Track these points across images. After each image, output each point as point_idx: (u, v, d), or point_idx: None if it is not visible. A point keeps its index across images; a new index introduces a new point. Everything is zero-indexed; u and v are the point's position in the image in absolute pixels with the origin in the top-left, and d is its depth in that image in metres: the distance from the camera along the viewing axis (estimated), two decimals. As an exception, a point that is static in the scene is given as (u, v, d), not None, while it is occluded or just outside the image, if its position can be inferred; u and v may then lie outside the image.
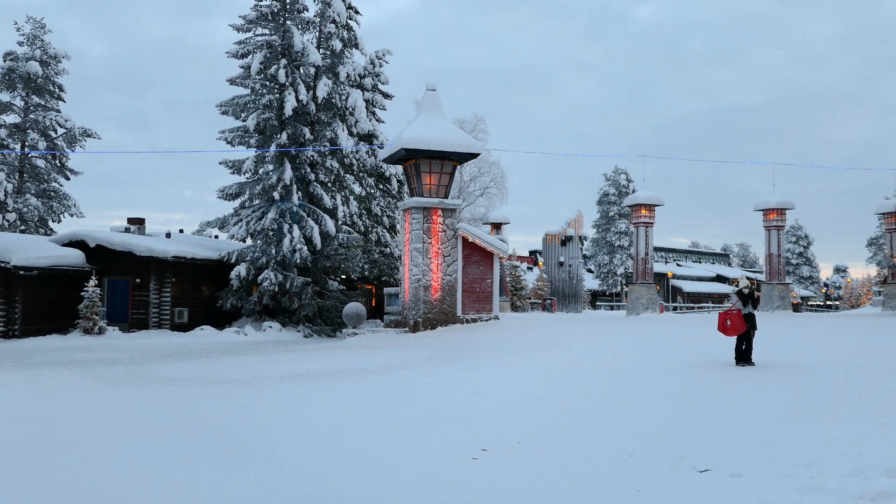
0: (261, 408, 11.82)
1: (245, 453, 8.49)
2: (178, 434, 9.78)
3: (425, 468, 7.77)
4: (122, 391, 14.10)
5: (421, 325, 26.33)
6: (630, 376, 14.32)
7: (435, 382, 14.38)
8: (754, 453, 7.69)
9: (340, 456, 8.24)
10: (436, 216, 26.89)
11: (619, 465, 7.52)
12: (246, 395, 13.34)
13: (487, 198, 53.48)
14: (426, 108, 27.59)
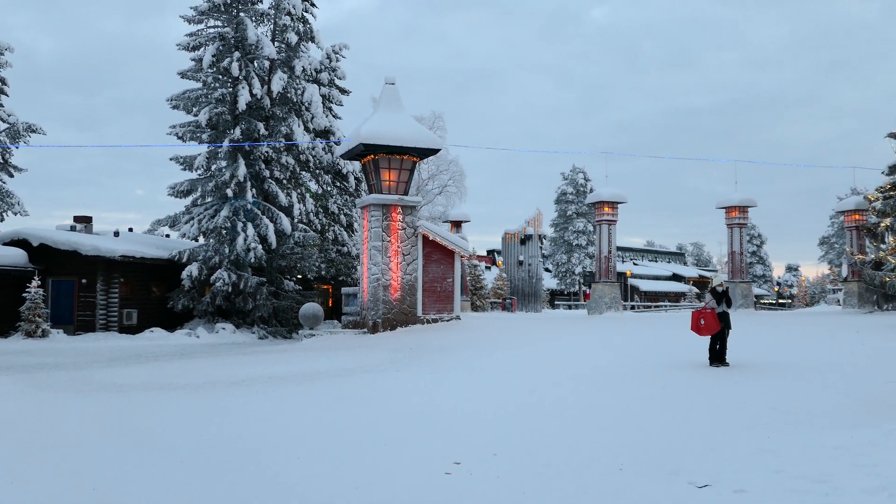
0: (213, 417, 10.95)
1: (192, 470, 7.64)
2: (122, 447, 8.89)
3: (393, 485, 7.02)
4: (63, 398, 13.09)
5: (380, 326, 25.53)
6: (605, 379, 13.70)
7: (398, 387, 13.62)
8: (754, 465, 7.05)
9: (298, 471, 7.45)
10: (395, 214, 26.11)
11: (609, 481, 6.83)
12: (197, 402, 12.45)
13: (446, 196, 52.79)
14: (385, 102, 26.79)
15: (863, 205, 37.01)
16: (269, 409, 11.50)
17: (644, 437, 8.50)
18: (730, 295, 15.78)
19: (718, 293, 15.38)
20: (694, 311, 15.42)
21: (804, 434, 8.33)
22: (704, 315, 15.02)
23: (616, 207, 34.50)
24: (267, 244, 31.13)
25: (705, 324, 14.98)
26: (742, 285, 37.21)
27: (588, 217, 79.14)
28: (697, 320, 15.10)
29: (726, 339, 15.15)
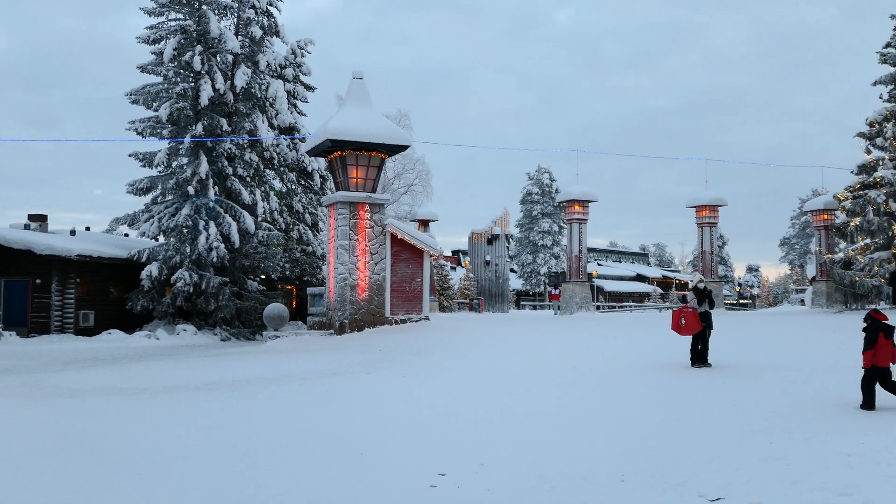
0: (173, 425, 10.24)
1: (151, 484, 6.97)
2: (74, 458, 8.17)
3: (374, 500, 6.41)
4: (12, 404, 12.26)
5: (347, 327, 24.84)
6: (589, 381, 13.18)
7: (372, 391, 12.98)
8: (766, 475, 6.53)
9: (269, 486, 6.80)
10: (363, 211, 25.43)
11: (612, 494, 6.27)
12: (157, 408, 11.71)
13: (412, 195, 52.16)
14: (352, 97, 26.10)
15: (831, 204, 36.99)
16: (236, 416, 10.81)
17: (642, 444, 7.97)
18: (713, 295, 15.31)
19: (701, 292, 14.95)
20: (674, 311, 14.98)
21: (809, 439, 7.85)
22: (685, 314, 14.57)
23: (587, 206, 34.09)
24: (230, 243, 30.27)
25: (686, 323, 14.52)
26: (712, 285, 36.95)
27: (553, 217, 78.96)
28: (678, 319, 14.63)
29: (708, 340, 14.73)
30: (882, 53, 31.86)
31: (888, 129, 30.27)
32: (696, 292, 14.96)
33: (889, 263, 29.26)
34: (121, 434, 9.60)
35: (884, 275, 29.07)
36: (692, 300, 14.95)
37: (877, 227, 29.71)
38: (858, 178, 32.20)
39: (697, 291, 14.96)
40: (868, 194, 30.09)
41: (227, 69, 32.06)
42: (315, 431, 9.45)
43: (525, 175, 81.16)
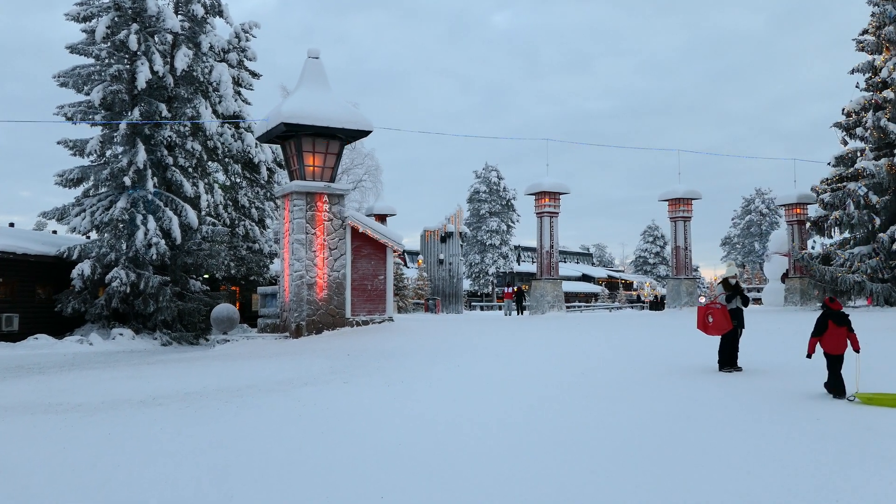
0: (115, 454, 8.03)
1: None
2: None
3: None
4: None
5: (304, 329, 22.62)
6: (601, 390, 11.29)
7: (357, 405, 10.87)
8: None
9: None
10: (321, 202, 23.25)
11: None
12: (94, 431, 9.45)
13: (361, 192, 49.90)
14: (308, 77, 23.87)
15: (805, 198, 35.96)
16: (196, 442, 8.63)
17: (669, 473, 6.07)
18: (743, 289, 13.49)
19: (731, 286, 13.18)
20: (700, 307, 13.20)
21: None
22: (713, 311, 12.76)
23: (558, 199, 32.29)
24: (171, 239, 27.73)
25: (714, 322, 12.71)
26: (687, 282, 35.61)
27: (502, 216, 77.43)
28: (704, 317, 12.83)
29: (738, 341, 12.97)
30: (859, 41, 30.85)
31: (868, 118, 29.17)
32: (725, 286, 13.16)
33: (870, 259, 28.12)
34: (48, 466, 7.36)
35: (866, 270, 27.92)
36: (720, 295, 13.16)
37: (857, 220, 28.62)
38: (836, 169, 31.16)
39: (727, 285, 13.17)
40: (847, 186, 28.96)
41: (167, 50, 29.49)
42: (298, 463, 7.37)
43: (472, 173, 79.55)
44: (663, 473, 6.62)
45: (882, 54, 29.79)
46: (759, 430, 8.33)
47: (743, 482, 6.20)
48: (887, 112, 29.04)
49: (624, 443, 7.96)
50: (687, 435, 8.26)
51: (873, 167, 28.25)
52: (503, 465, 7.08)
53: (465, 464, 7.22)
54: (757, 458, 7.05)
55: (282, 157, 34.05)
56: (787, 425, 8.57)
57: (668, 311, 34.90)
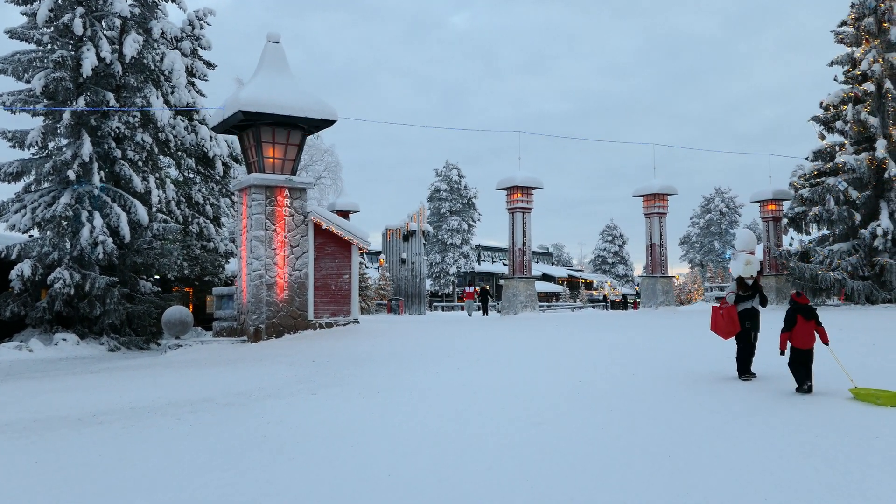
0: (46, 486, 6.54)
1: None
2: None
3: None
4: None
5: (264, 333, 21.07)
6: (599, 401, 9.99)
7: (326, 421, 9.47)
8: None
9: None
10: (281, 197, 21.72)
11: None
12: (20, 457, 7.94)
13: (320, 189, 48.24)
14: (268, 63, 22.30)
15: (781, 194, 35.15)
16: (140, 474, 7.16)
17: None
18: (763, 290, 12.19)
19: (746, 284, 11.87)
20: (714, 307, 11.97)
21: None
22: (723, 311, 11.58)
23: (531, 193, 30.99)
24: (119, 237, 25.93)
25: (721, 322, 11.54)
26: (662, 280, 34.54)
27: (463, 215, 76.28)
28: (718, 317, 11.67)
29: (753, 345, 11.72)
30: (837, 32, 30.07)
31: (848, 111, 28.40)
32: (739, 284, 11.87)
33: (850, 256, 27.33)
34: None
35: (846, 267, 27.11)
36: (729, 294, 11.88)
37: (837, 216, 27.81)
38: (814, 164, 30.37)
39: (741, 283, 11.88)
40: (826, 182, 28.15)
41: (115, 36, 27.64)
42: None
43: (433, 171, 78.29)
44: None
45: (861, 46, 29.08)
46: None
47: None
48: (867, 105, 28.32)
49: (652, 462, 6.69)
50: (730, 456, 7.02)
51: (854, 161, 27.47)
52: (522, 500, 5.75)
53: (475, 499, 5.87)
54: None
55: (239, 151, 32.49)
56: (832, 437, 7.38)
57: (642, 311, 33.88)
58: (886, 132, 28.04)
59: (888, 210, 27.02)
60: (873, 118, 27.84)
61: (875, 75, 27.92)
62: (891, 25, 28.29)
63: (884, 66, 27.96)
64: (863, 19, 28.86)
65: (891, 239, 26.71)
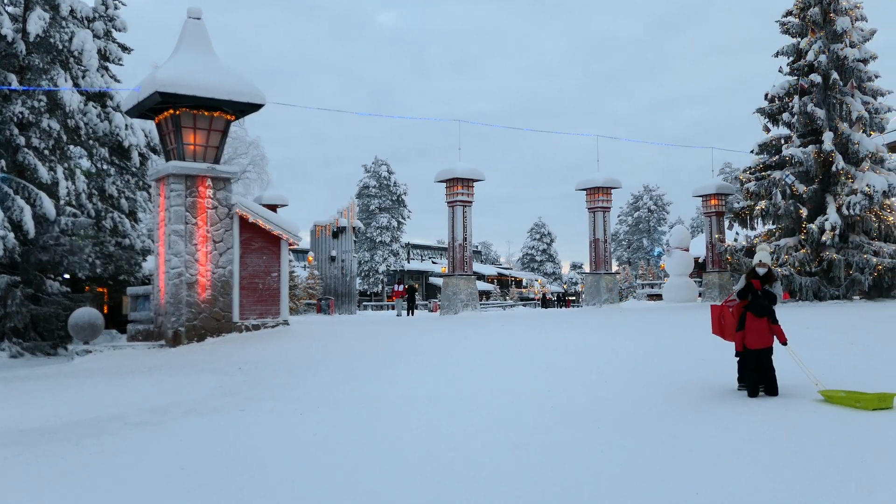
0: None
1: None
2: None
3: None
4: None
5: (184, 337, 19.18)
6: (581, 417, 8.60)
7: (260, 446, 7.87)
8: None
9: None
10: (203, 187, 19.85)
11: None
12: None
13: (245, 184, 46.04)
14: (189, 41, 20.39)
15: (724, 188, 34.52)
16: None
17: None
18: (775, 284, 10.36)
19: (760, 278, 9.98)
20: (714, 306, 10.53)
21: None
22: (727, 313, 10.12)
23: (472, 186, 29.51)
24: (22, 232, 23.59)
25: (727, 324, 10.05)
26: (606, 277, 33.47)
27: (392, 212, 74.71)
28: (719, 319, 10.22)
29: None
30: (782, 23, 29.48)
31: (794, 103, 27.77)
32: (749, 279, 9.96)
33: (797, 251, 26.70)
34: None
35: (793, 263, 26.47)
36: (735, 291, 10.18)
37: (783, 211, 27.16)
38: (759, 157, 29.72)
39: (752, 278, 9.97)
40: (772, 175, 27.48)
41: (18, 13, 25.31)
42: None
43: (361, 167, 76.50)
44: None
45: (807, 37, 28.53)
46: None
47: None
48: (813, 97, 27.77)
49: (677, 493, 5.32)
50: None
51: (801, 154, 26.86)
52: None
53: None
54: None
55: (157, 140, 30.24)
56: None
57: (586, 309, 32.85)
58: (833, 125, 27.53)
59: (835, 204, 26.48)
60: (820, 110, 27.29)
61: (821, 66, 27.40)
62: (836, 16, 27.85)
63: (830, 58, 27.47)
64: (808, 9, 28.36)
65: (838, 234, 26.18)
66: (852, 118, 27.32)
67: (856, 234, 26.87)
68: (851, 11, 28.37)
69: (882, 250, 26.35)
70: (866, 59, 28.43)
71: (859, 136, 27.15)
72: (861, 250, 26.45)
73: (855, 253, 26.23)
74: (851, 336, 15.57)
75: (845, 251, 26.44)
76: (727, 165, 79.92)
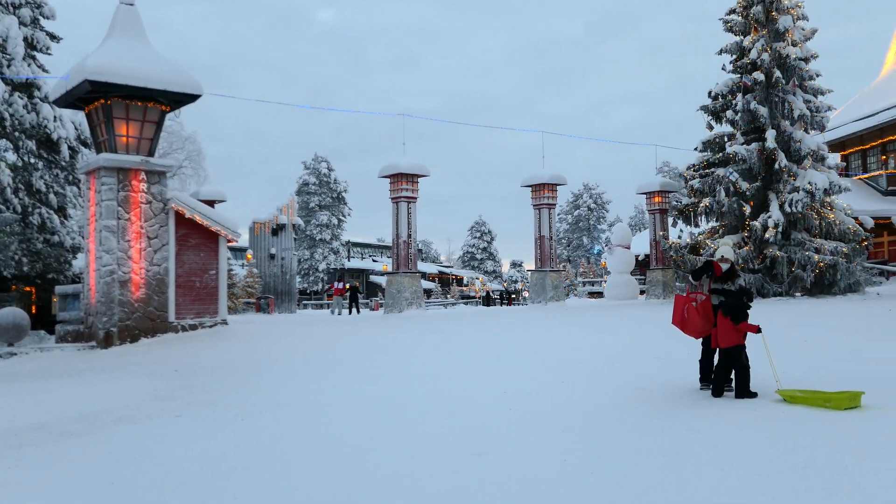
0: None
1: None
2: None
3: None
4: None
5: (116, 337, 18.25)
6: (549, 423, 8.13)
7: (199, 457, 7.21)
8: None
9: None
10: (137, 181, 18.91)
11: None
12: None
13: (181, 180, 44.69)
14: (121, 28, 19.42)
15: (668, 185, 34.58)
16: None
17: None
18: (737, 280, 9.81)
19: (723, 272, 9.64)
20: (678, 296, 10.03)
21: None
22: (691, 307, 9.51)
23: (416, 182, 28.90)
24: (-58, 228, 22.37)
25: (689, 318, 9.52)
26: (552, 275, 33.15)
27: (333, 209, 73.79)
28: (681, 310, 9.73)
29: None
30: (725, 20, 29.55)
31: (738, 101, 27.82)
32: (716, 272, 9.59)
33: (741, 248, 26.76)
34: None
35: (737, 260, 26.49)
36: (702, 284, 9.73)
37: (727, 208, 27.20)
38: (703, 154, 29.76)
39: (717, 270, 9.61)
40: (716, 172, 27.50)
41: (-63, -3, 24.00)
42: None
43: (301, 164, 75.35)
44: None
45: (750, 35, 28.63)
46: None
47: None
48: (756, 95, 27.86)
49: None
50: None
51: (745, 152, 26.91)
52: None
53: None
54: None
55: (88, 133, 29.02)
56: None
57: (532, 307, 32.51)
58: (776, 122, 27.66)
59: (778, 201, 26.60)
60: (763, 108, 27.39)
61: (764, 65, 27.49)
62: (779, 15, 27.98)
63: (772, 56, 27.59)
64: (752, 7, 28.46)
65: (781, 231, 26.29)
66: (794, 116, 27.49)
67: (798, 232, 27.04)
68: (793, 10, 28.55)
69: (823, 247, 26.56)
70: (808, 58, 28.64)
71: (801, 135, 27.32)
72: (803, 247, 26.62)
73: (797, 250, 26.38)
74: (803, 333, 15.45)
75: (788, 248, 26.58)
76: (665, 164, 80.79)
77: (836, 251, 26.53)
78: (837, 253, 26.51)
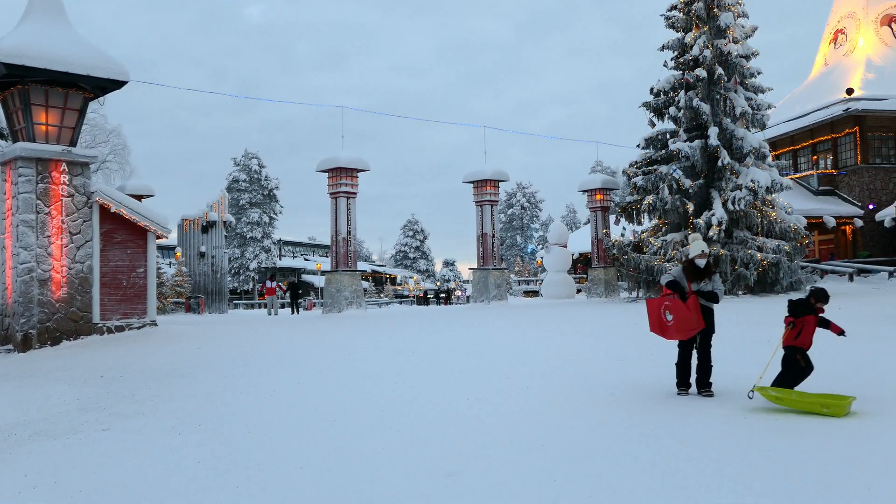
0: None
1: None
2: None
3: None
4: None
5: (35, 340, 16.96)
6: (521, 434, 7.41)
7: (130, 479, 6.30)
8: None
9: None
10: (58, 173, 17.62)
11: None
12: None
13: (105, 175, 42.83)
14: (41, 8, 18.05)
15: (609, 183, 34.34)
16: None
17: None
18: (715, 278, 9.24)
19: (697, 269, 9.16)
20: (650, 300, 9.41)
21: None
22: (672, 306, 8.89)
23: (356, 176, 27.90)
24: None
25: (674, 320, 8.89)
26: (495, 273, 32.50)
27: (264, 207, 72.07)
28: (659, 313, 9.09)
29: (710, 349, 9.14)
30: (667, 17, 29.37)
31: (680, 98, 27.62)
32: (689, 269, 9.12)
33: (684, 246, 26.56)
34: None
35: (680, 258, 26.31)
36: (679, 278, 9.11)
37: (670, 205, 26.97)
38: (645, 152, 29.52)
39: (691, 268, 9.14)
40: (659, 170, 27.26)
41: None
42: None
43: (231, 160, 73.38)
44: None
45: (692, 31, 28.49)
46: None
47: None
48: (699, 91, 27.73)
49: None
50: None
51: (688, 149, 26.72)
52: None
53: None
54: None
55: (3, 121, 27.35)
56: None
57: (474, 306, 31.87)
58: (718, 120, 27.58)
59: (721, 199, 26.48)
60: (705, 105, 27.28)
61: (706, 62, 27.38)
62: (720, 11, 27.92)
63: (714, 53, 27.48)
64: (693, 4, 28.32)
65: (724, 229, 26.16)
66: (736, 114, 27.44)
67: (740, 230, 26.98)
68: (733, 7, 28.52)
69: (766, 245, 26.53)
70: (748, 56, 28.67)
71: (743, 132, 27.30)
72: (746, 245, 26.56)
73: (740, 248, 26.31)
74: (760, 333, 15.09)
75: (731, 246, 26.49)
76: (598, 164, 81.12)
77: (778, 249, 26.52)
78: (780, 251, 26.50)
